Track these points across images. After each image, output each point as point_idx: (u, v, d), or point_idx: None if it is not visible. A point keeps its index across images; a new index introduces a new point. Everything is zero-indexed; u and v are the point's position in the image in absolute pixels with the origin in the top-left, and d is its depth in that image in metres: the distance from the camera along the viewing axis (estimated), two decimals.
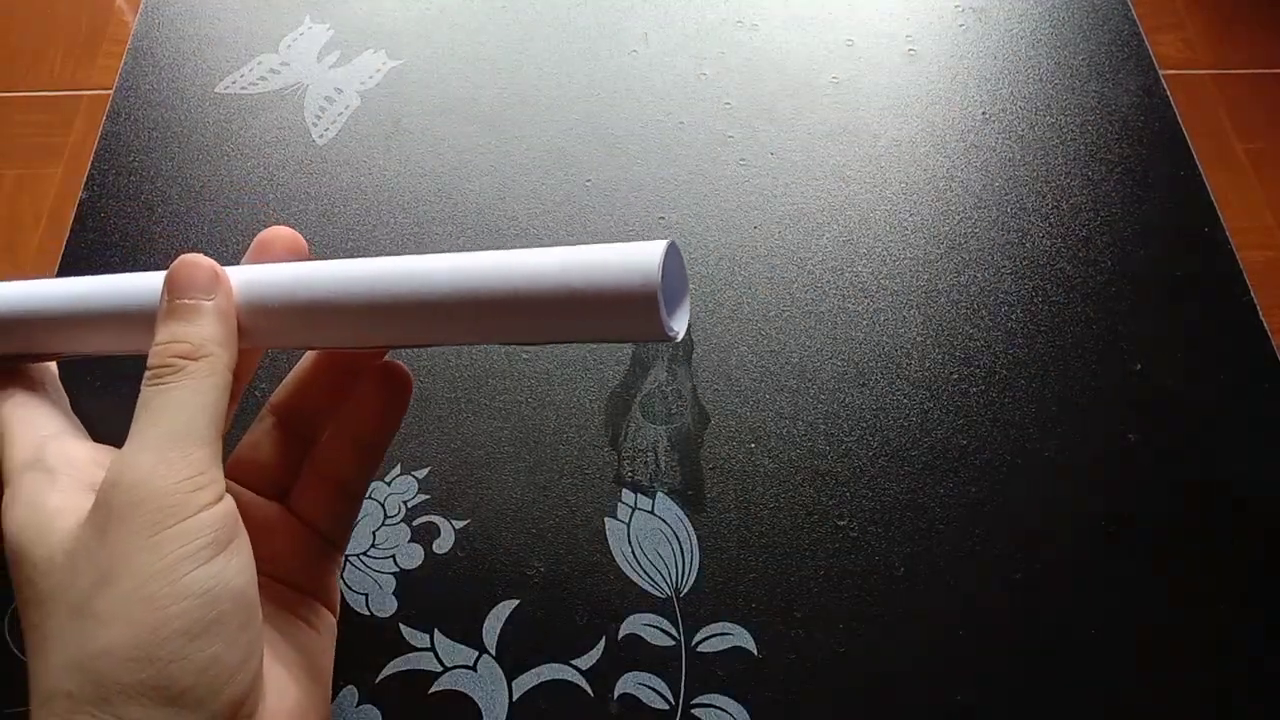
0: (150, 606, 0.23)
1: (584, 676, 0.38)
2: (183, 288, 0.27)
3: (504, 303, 0.26)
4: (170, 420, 0.25)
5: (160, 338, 0.27)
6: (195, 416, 0.26)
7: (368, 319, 0.28)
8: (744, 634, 0.39)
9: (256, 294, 0.29)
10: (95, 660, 0.23)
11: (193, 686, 0.24)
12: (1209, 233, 0.49)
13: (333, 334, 0.29)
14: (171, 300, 0.27)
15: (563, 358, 0.46)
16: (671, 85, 0.55)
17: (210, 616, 0.24)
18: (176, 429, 0.25)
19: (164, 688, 0.23)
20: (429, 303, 0.27)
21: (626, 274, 0.24)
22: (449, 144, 0.53)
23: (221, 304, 0.28)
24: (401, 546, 0.41)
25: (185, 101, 0.55)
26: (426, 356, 0.46)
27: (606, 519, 0.42)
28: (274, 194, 0.51)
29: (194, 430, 0.26)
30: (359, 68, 0.56)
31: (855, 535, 0.41)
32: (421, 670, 0.39)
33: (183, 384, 0.26)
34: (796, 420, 0.44)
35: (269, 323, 0.29)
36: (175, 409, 0.26)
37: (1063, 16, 0.58)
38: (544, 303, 0.26)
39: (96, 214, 0.51)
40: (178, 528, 0.24)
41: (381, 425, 0.33)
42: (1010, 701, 0.38)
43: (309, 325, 0.28)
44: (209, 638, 0.24)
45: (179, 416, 0.25)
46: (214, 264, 0.28)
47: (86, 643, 0.23)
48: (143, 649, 0.23)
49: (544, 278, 0.25)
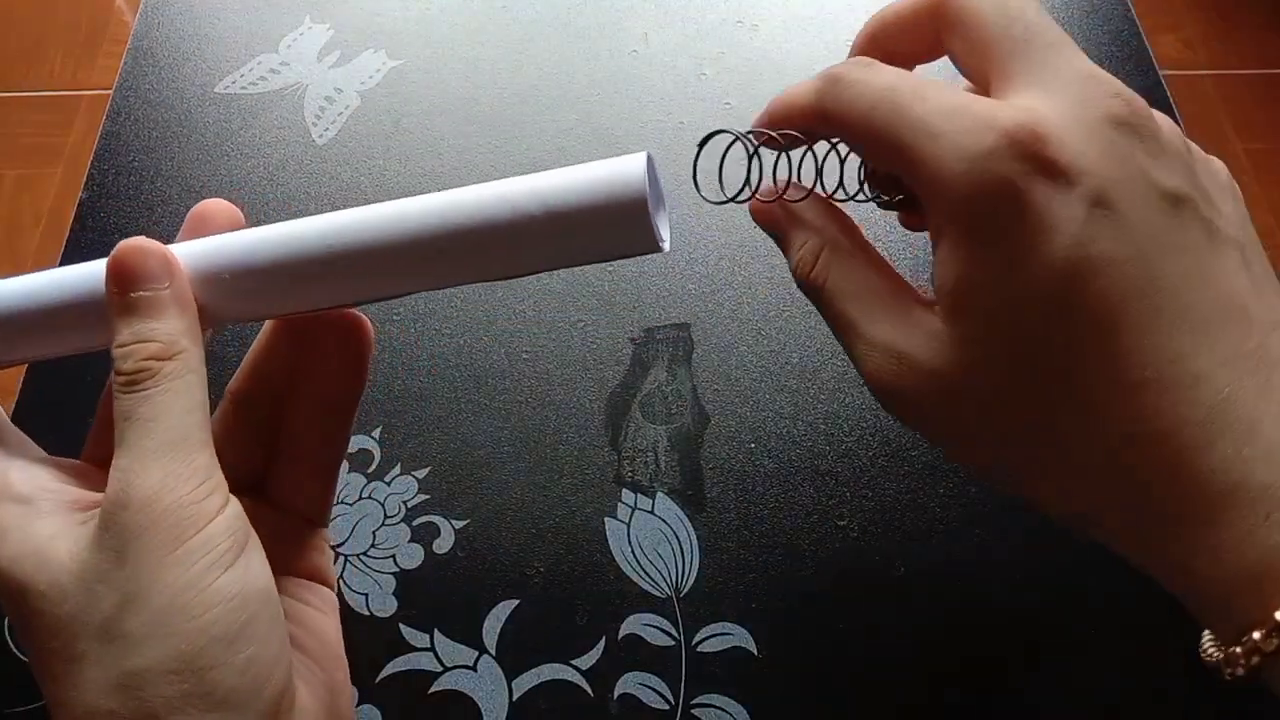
0: (185, 618, 0.24)
1: (584, 676, 0.38)
2: (135, 278, 0.26)
3: (488, 232, 0.25)
4: (163, 430, 0.25)
5: (122, 337, 0.26)
6: (186, 421, 0.25)
7: (344, 272, 0.26)
8: (744, 634, 0.39)
9: (213, 267, 0.27)
10: (136, 678, 0.23)
11: (236, 689, 0.24)
12: None
13: (304, 295, 0.27)
14: (124, 293, 0.26)
15: (563, 358, 0.46)
16: (671, 85, 0.55)
17: (243, 619, 0.24)
18: (172, 438, 0.25)
19: (208, 694, 0.24)
20: (412, 244, 0.25)
21: (613, 186, 0.24)
22: (449, 144, 0.53)
23: (179, 291, 0.26)
24: (401, 546, 0.41)
25: (185, 101, 0.55)
26: (426, 357, 0.46)
27: (606, 519, 0.42)
28: (274, 194, 0.51)
29: (189, 435, 0.25)
30: (359, 68, 0.56)
31: (855, 535, 0.41)
32: (421, 670, 0.39)
33: (164, 387, 0.25)
34: (796, 420, 0.44)
35: (230, 297, 0.27)
36: (164, 416, 0.25)
37: (1063, 16, 0.58)
38: (531, 227, 0.25)
39: (96, 214, 0.51)
40: (197, 538, 0.24)
41: (348, 383, 0.31)
42: (1009, 701, 0.38)
43: (278, 290, 0.27)
44: (245, 640, 0.24)
45: (170, 424, 0.25)
46: (162, 246, 0.27)
47: (124, 662, 0.23)
48: (183, 660, 0.23)
49: (527, 201, 0.25)
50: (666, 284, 0.48)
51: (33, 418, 0.45)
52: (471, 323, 0.47)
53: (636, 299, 0.48)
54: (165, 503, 0.24)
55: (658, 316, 0.47)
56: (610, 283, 0.48)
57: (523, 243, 0.25)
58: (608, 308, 0.47)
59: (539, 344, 0.46)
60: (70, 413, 0.44)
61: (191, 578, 0.24)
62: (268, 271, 0.26)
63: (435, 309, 0.47)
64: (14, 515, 0.26)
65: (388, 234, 0.26)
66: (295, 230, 0.26)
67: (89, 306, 0.27)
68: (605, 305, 0.47)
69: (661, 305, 0.47)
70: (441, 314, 0.47)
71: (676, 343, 0.46)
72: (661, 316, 0.47)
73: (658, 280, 0.48)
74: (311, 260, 0.26)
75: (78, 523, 0.26)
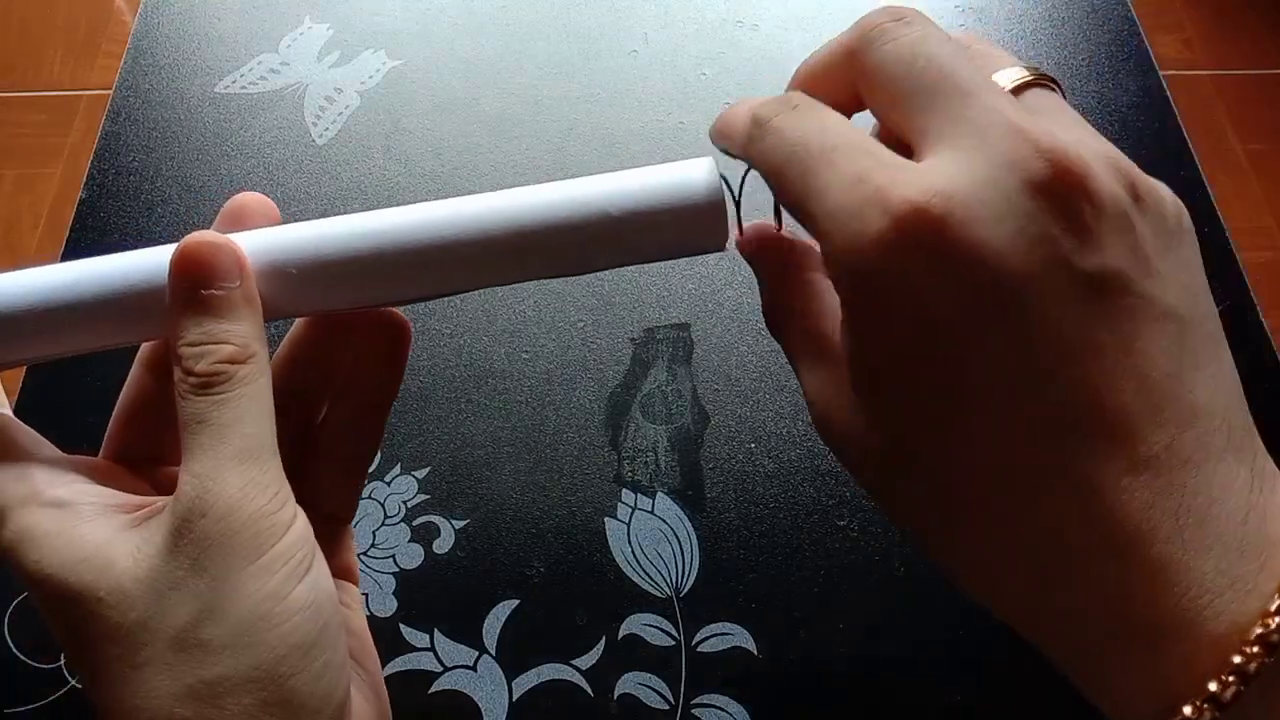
0: (267, 627, 0.24)
1: (584, 676, 0.38)
2: (208, 274, 0.25)
3: (568, 232, 0.26)
4: (241, 437, 0.24)
5: (191, 335, 0.25)
6: (261, 428, 0.25)
7: (410, 268, 0.26)
8: (744, 634, 0.39)
9: (277, 260, 0.26)
10: (213, 686, 0.23)
11: (312, 694, 0.24)
12: (1209, 233, 0.49)
13: (368, 290, 0.27)
14: (194, 289, 0.25)
15: (563, 358, 0.46)
16: (671, 85, 0.55)
17: (318, 626, 0.25)
18: (249, 446, 0.24)
19: (286, 701, 0.24)
20: (480, 243, 0.26)
21: (689, 187, 0.26)
22: (449, 144, 0.53)
23: (249, 290, 0.26)
24: (401, 546, 0.41)
25: (185, 101, 0.55)
26: (426, 357, 0.46)
27: (606, 519, 0.42)
28: (274, 194, 0.51)
29: (264, 444, 0.25)
30: (359, 68, 0.56)
31: (855, 535, 0.41)
32: (421, 670, 0.39)
33: (240, 392, 0.25)
34: (796, 420, 0.44)
35: (290, 291, 0.26)
36: (241, 423, 0.25)
37: (1063, 16, 0.58)
38: (606, 228, 0.26)
39: (96, 214, 0.51)
40: (276, 549, 0.24)
41: (386, 379, 0.31)
42: (1009, 702, 0.38)
43: (344, 285, 0.26)
44: (320, 647, 0.24)
45: (247, 430, 0.25)
46: (233, 243, 0.26)
47: (201, 671, 0.23)
48: (263, 669, 0.24)
49: (603, 204, 0.26)
50: (666, 284, 0.48)
51: (33, 417, 0.44)
52: (471, 323, 0.47)
53: (636, 299, 0.48)
54: (247, 512, 0.24)
55: (658, 316, 0.47)
56: (610, 283, 0.48)
57: (601, 244, 0.26)
58: (608, 308, 0.47)
59: (539, 344, 0.46)
60: (70, 412, 0.44)
61: (273, 588, 0.24)
62: (342, 266, 0.26)
63: (435, 309, 0.47)
64: (53, 520, 0.25)
65: (465, 231, 0.26)
66: (360, 225, 0.26)
67: (133, 300, 0.26)
68: (605, 305, 0.47)
69: (661, 305, 0.47)
70: (441, 314, 0.47)
71: (676, 343, 0.46)
72: (661, 316, 0.47)
73: (658, 280, 0.48)
74: (380, 256, 0.26)
75: (126, 526, 0.25)
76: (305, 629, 0.24)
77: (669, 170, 0.26)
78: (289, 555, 0.24)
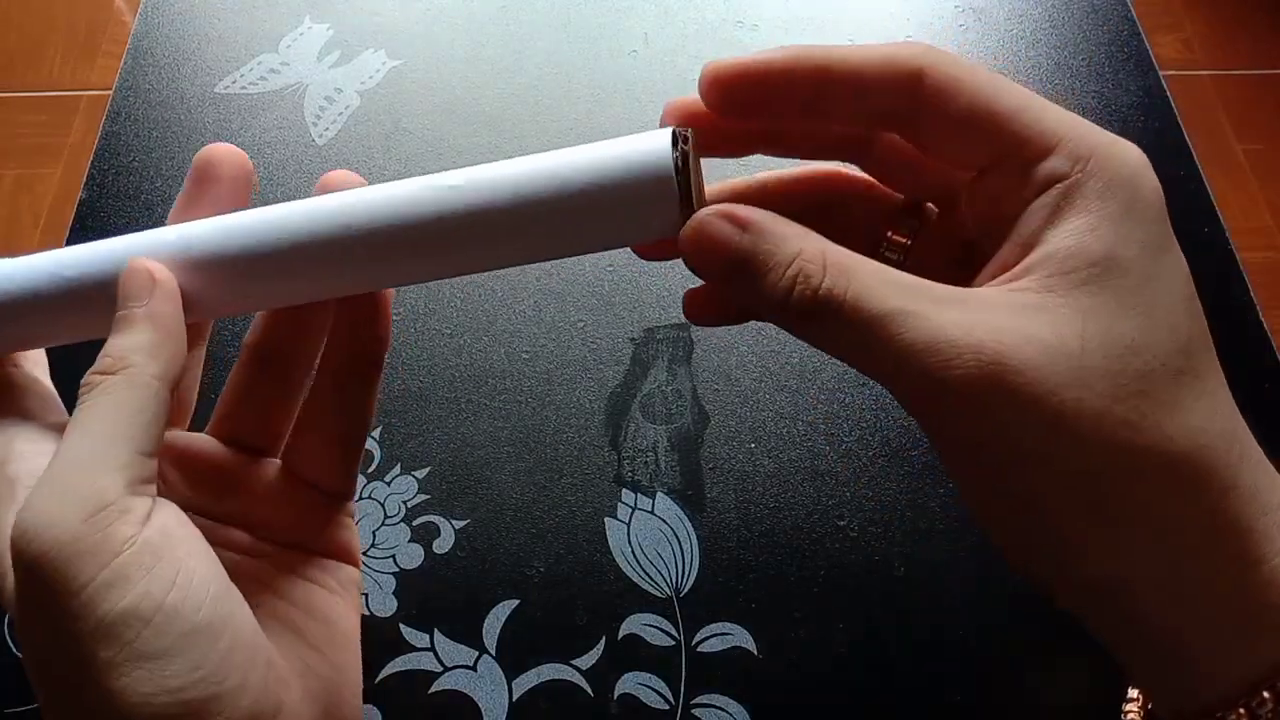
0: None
1: (584, 676, 0.38)
2: (122, 298, 0.26)
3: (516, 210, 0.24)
4: (70, 447, 0.24)
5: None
6: (98, 435, 0.24)
7: (361, 258, 0.25)
8: (744, 634, 0.39)
9: (208, 255, 0.26)
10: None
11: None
12: (1209, 233, 0.49)
13: (308, 284, 0.26)
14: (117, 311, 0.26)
15: (563, 358, 0.46)
16: (671, 85, 0.55)
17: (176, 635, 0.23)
18: (78, 456, 0.24)
19: None
20: (423, 229, 0.24)
21: (642, 164, 0.24)
22: (449, 144, 0.53)
23: (156, 307, 0.26)
24: (401, 546, 0.41)
25: (185, 101, 0.55)
26: (426, 357, 0.46)
27: (606, 519, 0.42)
28: (274, 194, 0.51)
29: (97, 451, 0.24)
30: (359, 68, 0.56)
31: (855, 535, 0.41)
32: (421, 670, 0.39)
33: (94, 400, 0.25)
34: (796, 420, 0.44)
35: (224, 288, 0.26)
36: (81, 429, 0.25)
37: (1063, 17, 0.58)
38: (555, 209, 0.24)
39: (96, 214, 0.51)
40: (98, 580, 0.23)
41: (370, 349, 0.30)
42: (1008, 702, 0.38)
43: (281, 277, 0.26)
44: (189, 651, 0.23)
45: (81, 440, 0.24)
46: (149, 266, 0.26)
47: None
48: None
49: (551, 179, 0.24)
50: (666, 284, 0.48)
51: None
52: (471, 323, 0.47)
53: (636, 299, 0.48)
54: (56, 539, 0.23)
55: (658, 316, 0.47)
56: (610, 283, 0.48)
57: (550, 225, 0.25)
58: (608, 308, 0.47)
59: (539, 344, 0.46)
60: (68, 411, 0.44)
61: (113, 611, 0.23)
62: (278, 258, 0.26)
63: (435, 309, 0.47)
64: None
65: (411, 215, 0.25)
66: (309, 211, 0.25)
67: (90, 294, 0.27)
68: (605, 305, 0.47)
69: (661, 305, 0.47)
70: (441, 314, 0.47)
71: (676, 343, 0.46)
72: (661, 316, 0.47)
73: (658, 280, 0.48)
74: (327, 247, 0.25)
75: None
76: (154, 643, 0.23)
77: (621, 145, 0.25)
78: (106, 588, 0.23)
